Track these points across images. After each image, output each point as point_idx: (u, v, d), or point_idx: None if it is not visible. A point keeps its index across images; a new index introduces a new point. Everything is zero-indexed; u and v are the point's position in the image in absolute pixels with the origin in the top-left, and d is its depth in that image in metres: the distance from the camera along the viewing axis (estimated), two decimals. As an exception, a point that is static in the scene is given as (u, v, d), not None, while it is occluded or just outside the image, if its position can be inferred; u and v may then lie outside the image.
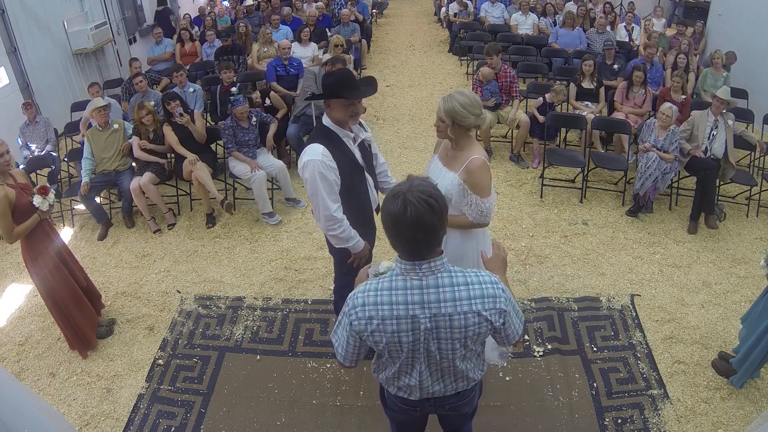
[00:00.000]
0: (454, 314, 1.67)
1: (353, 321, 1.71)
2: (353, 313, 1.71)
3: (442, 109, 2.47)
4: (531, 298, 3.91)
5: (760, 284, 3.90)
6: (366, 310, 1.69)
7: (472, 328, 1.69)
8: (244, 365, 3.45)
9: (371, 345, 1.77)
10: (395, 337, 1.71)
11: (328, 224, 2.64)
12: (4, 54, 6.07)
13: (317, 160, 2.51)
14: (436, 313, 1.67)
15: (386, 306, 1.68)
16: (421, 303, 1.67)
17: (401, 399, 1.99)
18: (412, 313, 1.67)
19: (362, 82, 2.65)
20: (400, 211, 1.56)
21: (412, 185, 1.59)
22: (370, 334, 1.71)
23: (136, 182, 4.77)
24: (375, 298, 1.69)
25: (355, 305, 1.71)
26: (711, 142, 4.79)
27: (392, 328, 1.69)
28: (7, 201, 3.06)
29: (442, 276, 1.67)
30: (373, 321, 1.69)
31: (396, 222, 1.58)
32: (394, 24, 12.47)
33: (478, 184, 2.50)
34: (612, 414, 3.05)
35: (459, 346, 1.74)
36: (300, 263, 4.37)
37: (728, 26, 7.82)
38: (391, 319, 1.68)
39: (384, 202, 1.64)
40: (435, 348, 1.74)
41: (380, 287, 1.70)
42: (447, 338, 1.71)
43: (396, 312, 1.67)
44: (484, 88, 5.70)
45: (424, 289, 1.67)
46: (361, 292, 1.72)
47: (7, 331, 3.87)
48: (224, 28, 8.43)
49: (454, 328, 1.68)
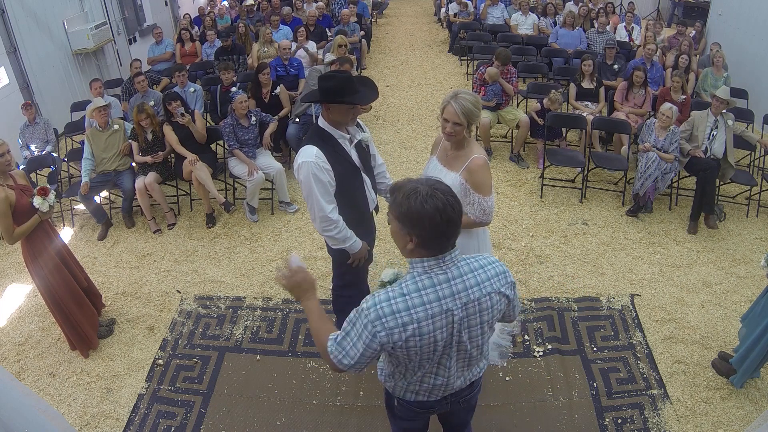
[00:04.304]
0: (481, 297, 1.73)
1: (379, 332, 1.63)
2: (379, 324, 1.63)
3: (459, 112, 2.43)
4: (531, 298, 3.91)
5: (760, 284, 3.90)
6: (398, 318, 1.63)
7: (496, 306, 1.77)
8: (244, 365, 3.45)
9: (400, 354, 1.70)
10: (431, 337, 1.67)
11: (323, 225, 2.65)
12: (4, 54, 6.07)
13: (311, 161, 2.52)
14: (467, 301, 1.70)
15: (420, 308, 1.64)
16: (452, 295, 1.69)
17: (418, 403, 1.96)
18: (446, 307, 1.68)
19: (362, 85, 2.63)
20: (439, 206, 1.57)
21: (429, 182, 1.62)
22: (404, 341, 1.65)
23: (141, 181, 4.78)
24: (405, 303, 1.64)
25: (380, 315, 1.63)
26: (711, 142, 4.79)
27: (428, 329, 1.66)
28: (7, 202, 3.07)
29: (461, 265, 1.72)
30: (408, 327, 1.63)
31: (434, 216, 1.57)
32: (394, 24, 12.47)
33: (480, 183, 2.50)
34: (612, 414, 3.05)
35: (487, 329, 1.80)
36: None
37: (728, 26, 7.82)
38: (427, 320, 1.65)
39: (408, 199, 1.59)
40: (466, 337, 1.76)
41: (406, 291, 1.65)
42: (477, 323, 1.76)
43: (431, 311, 1.65)
44: (488, 88, 5.69)
45: (451, 281, 1.69)
46: (386, 301, 1.64)
47: (7, 331, 3.87)
48: (224, 28, 8.44)
49: (483, 310, 1.74)
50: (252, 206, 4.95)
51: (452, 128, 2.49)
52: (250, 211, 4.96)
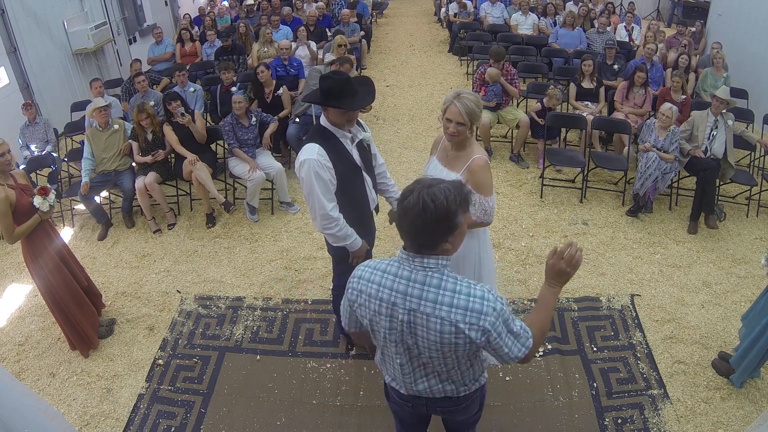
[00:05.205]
0: (431, 316, 1.65)
1: (349, 288, 1.85)
2: (351, 281, 1.84)
3: (463, 112, 2.42)
4: (531, 298, 3.91)
5: (760, 284, 3.90)
6: (360, 282, 1.80)
7: (447, 337, 1.65)
8: (244, 365, 3.45)
9: (359, 318, 1.87)
10: (375, 317, 1.78)
11: (324, 223, 2.65)
12: (4, 54, 6.07)
13: (313, 159, 2.52)
14: (414, 308, 1.68)
15: (374, 285, 1.75)
16: (403, 293, 1.70)
17: (395, 391, 2.01)
18: (393, 300, 1.72)
19: (360, 85, 2.63)
20: (411, 202, 1.59)
21: (432, 184, 1.62)
22: (358, 306, 1.82)
23: (141, 181, 4.78)
24: (369, 275, 1.78)
25: (354, 275, 1.84)
26: (711, 142, 4.79)
27: (374, 308, 1.76)
28: (7, 202, 3.07)
29: (433, 276, 1.67)
30: (362, 294, 1.79)
31: (406, 211, 1.61)
32: (394, 24, 12.47)
33: (481, 183, 2.50)
34: (612, 414, 3.05)
35: (436, 351, 1.71)
36: (300, 263, 4.37)
37: (728, 26, 7.82)
38: (375, 299, 1.75)
39: (402, 193, 1.66)
40: (413, 343, 1.75)
41: (377, 266, 1.78)
42: (423, 337, 1.70)
43: (380, 294, 1.74)
44: (488, 88, 5.69)
45: (410, 281, 1.69)
46: (365, 265, 1.82)
47: (7, 331, 3.87)
48: (224, 28, 8.44)
49: (430, 329, 1.67)
50: (252, 206, 4.95)
51: (455, 128, 2.48)
52: (250, 211, 4.96)
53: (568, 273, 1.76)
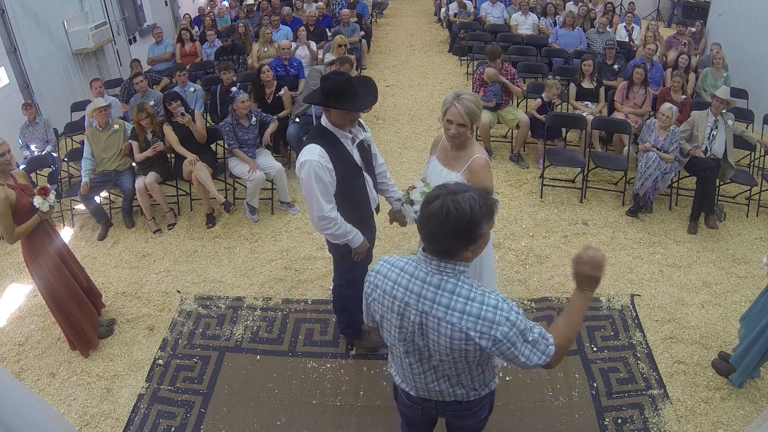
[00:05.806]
0: (442, 320, 1.64)
1: (366, 281, 1.86)
2: (369, 274, 1.85)
3: (463, 113, 2.42)
4: (531, 298, 3.91)
5: (760, 284, 3.90)
6: (377, 277, 1.80)
7: (457, 343, 1.64)
8: (244, 365, 3.45)
9: (373, 313, 1.87)
10: (387, 313, 1.78)
11: (322, 224, 2.66)
12: (4, 54, 6.07)
13: (314, 160, 2.52)
14: (427, 311, 1.67)
15: (390, 282, 1.76)
16: (417, 295, 1.69)
17: (405, 393, 2.01)
18: (406, 299, 1.71)
19: (362, 86, 2.62)
20: (434, 209, 1.56)
21: (457, 191, 1.58)
22: (372, 300, 1.83)
23: (142, 181, 4.78)
24: (387, 271, 1.78)
25: (373, 269, 1.84)
26: (711, 142, 4.79)
27: (387, 304, 1.77)
28: (7, 202, 3.06)
29: (448, 280, 1.66)
30: (377, 289, 1.80)
31: (429, 218, 1.58)
32: (394, 24, 12.47)
33: (482, 183, 2.50)
34: (612, 414, 3.05)
35: (446, 355, 1.71)
36: (300, 263, 4.37)
37: (728, 26, 7.82)
38: (389, 296, 1.75)
39: (426, 197, 1.64)
40: (423, 345, 1.75)
41: (396, 264, 1.78)
42: (434, 341, 1.70)
43: (394, 291, 1.74)
44: (488, 89, 5.68)
45: (425, 284, 1.69)
46: (385, 260, 1.82)
47: (7, 331, 3.87)
48: (224, 28, 8.44)
49: (441, 334, 1.66)
50: (252, 206, 4.95)
51: (456, 129, 2.48)
52: (250, 211, 4.96)
53: (595, 276, 1.73)
